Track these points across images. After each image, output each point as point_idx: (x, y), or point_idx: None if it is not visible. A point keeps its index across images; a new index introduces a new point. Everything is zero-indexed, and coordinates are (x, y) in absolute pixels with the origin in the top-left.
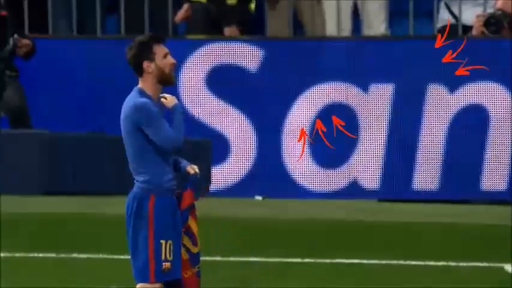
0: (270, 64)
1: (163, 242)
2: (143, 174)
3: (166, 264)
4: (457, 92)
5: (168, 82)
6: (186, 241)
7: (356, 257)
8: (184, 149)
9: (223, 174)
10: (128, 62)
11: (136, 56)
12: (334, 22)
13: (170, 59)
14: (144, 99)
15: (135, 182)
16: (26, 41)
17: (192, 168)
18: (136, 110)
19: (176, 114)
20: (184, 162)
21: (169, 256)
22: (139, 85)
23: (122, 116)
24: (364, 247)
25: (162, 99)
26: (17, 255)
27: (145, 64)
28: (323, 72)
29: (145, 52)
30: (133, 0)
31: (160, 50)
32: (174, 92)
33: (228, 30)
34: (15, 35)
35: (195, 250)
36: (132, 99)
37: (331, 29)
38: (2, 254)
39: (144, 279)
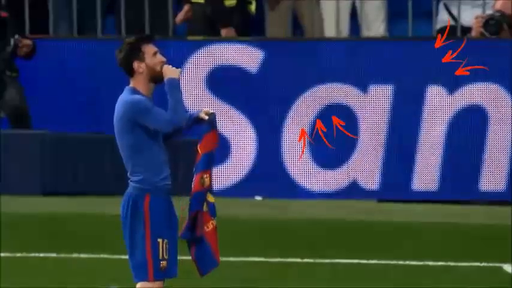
0: (270, 65)
1: (160, 240)
2: (138, 174)
3: (163, 263)
4: (457, 92)
5: (160, 80)
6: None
7: (356, 257)
8: (185, 149)
9: (223, 174)
10: (119, 63)
11: (126, 57)
12: (333, 23)
13: (160, 57)
14: (135, 95)
15: (129, 182)
16: (27, 41)
17: (206, 112)
18: (129, 106)
19: (168, 93)
20: (195, 113)
21: (166, 255)
22: (131, 84)
23: (116, 115)
24: (364, 247)
25: (164, 68)
26: (17, 255)
27: (136, 64)
28: (323, 72)
29: (134, 52)
30: (134, 1)
31: (149, 49)
32: None
33: (224, 32)
34: (16, 36)
35: (212, 199)
36: (124, 98)
37: (329, 30)
38: (2, 254)
39: (143, 278)
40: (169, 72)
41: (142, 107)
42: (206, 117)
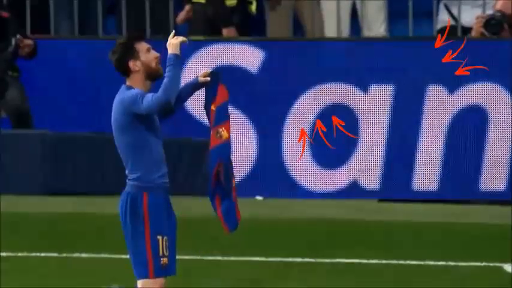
0: (270, 65)
1: (159, 237)
2: (136, 172)
3: (164, 260)
4: (457, 92)
5: (156, 76)
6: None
7: (356, 257)
8: (185, 149)
9: None
10: (114, 65)
11: (121, 58)
12: (333, 23)
13: (154, 53)
14: (130, 91)
15: (127, 180)
16: (28, 41)
17: (204, 75)
18: (126, 100)
19: (166, 69)
20: (194, 80)
21: (166, 252)
22: (128, 83)
23: (113, 114)
24: (364, 247)
25: (168, 43)
26: (18, 254)
27: (131, 63)
28: (323, 72)
29: (128, 52)
30: (135, 1)
31: (142, 46)
32: None
33: (226, 31)
34: (18, 36)
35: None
36: (120, 96)
37: (330, 30)
38: (3, 254)
39: (144, 276)
40: (170, 48)
41: (133, 96)
42: (208, 79)
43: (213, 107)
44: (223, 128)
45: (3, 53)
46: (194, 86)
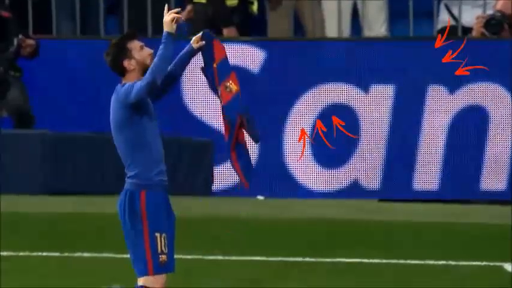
0: (271, 65)
1: (157, 235)
2: (134, 169)
3: (163, 257)
4: (457, 92)
5: None
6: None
7: (356, 257)
8: (185, 149)
9: (225, 174)
10: (109, 66)
11: (115, 58)
12: (334, 23)
13: (147, 50)
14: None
15: (126, 179)
16: (30, 41)
17: (197, 41)
18: (120, 96)
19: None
20: (187, 48)
21: (165, 249)
22: (123, 82)
23: (111, 113)
24: (365, 247)
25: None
26: (18, 254)
27: (126, 63)
28: (323, 72)
29: (121, 52)
30: (136, 0)
31: (134, 45)
32: (176, 93)
33: (226, 31)
34: (20, 35)
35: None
36: (116, 94)
37: (331, 30)
38: (3, 254)
39: (144, 273)
40: (165, 25)
41: (126, 90)
42: (203, 43)
43: (214, 65)
44: (231, 81)
45: (5, 52)
46: (190, 53)
